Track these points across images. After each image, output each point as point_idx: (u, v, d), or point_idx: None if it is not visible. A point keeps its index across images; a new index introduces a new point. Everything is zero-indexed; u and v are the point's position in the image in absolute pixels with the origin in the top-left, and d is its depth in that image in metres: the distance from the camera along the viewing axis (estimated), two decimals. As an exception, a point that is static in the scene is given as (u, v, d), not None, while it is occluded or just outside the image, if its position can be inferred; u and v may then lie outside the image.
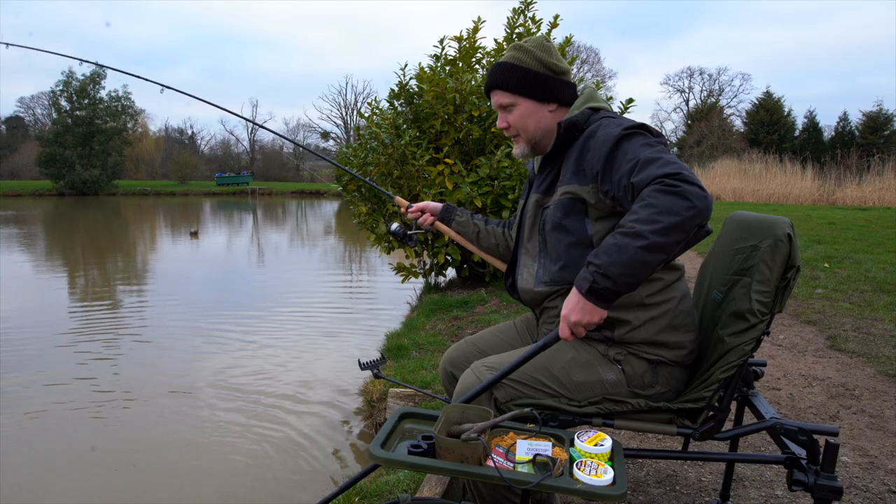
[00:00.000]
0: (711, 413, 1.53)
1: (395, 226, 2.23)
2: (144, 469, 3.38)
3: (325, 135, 54.15)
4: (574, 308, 1.30)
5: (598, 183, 1.44)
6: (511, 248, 1.98)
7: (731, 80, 50.37)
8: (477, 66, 6.41)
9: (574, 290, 1.31)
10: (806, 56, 75.26)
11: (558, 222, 1.55)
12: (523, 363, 1.45)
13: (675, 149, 41.09)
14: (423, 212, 2.10)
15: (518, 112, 1.63)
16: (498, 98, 1.64)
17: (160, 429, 3.86)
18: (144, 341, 5.76)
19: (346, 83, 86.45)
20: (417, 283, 7.49)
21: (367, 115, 6.60)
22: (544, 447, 1.28)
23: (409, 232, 2.18)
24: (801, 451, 1.44)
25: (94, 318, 6.62)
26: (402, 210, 2.17)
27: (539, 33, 6.25)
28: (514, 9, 6.26)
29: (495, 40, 6.31)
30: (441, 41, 6.18)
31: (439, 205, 2.08)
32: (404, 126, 6.10)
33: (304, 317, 6.69)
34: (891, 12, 58.50)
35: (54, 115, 41.23)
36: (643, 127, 1.42)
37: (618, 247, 1.23)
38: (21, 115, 55.43)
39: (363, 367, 2.46)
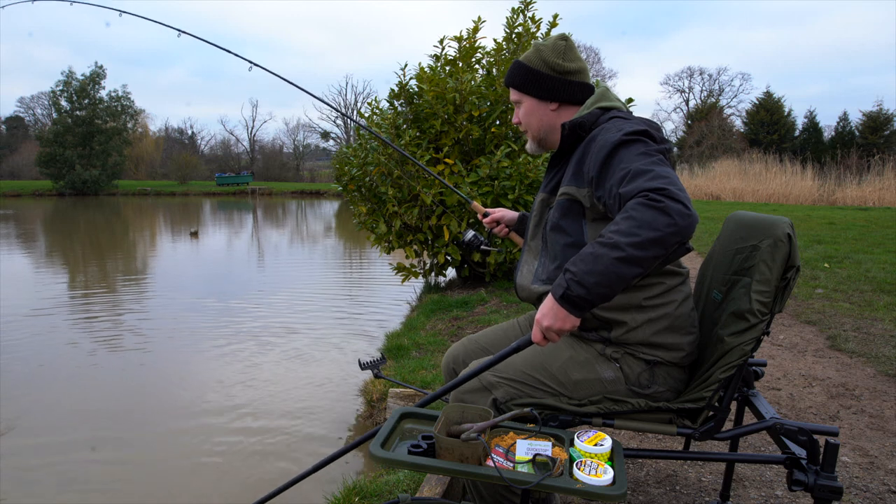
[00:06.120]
0: (711, 413, 1.53)
1: (470, 234, 2.13)
2: (139, 467, 3.38)
3: (325, 135, 54.18)
4: (547, 313, 1.29)
5: (592, 188, 1.45)
6: None
7: (731, 80, 50.43)
8: (477, 66, 6.41)
9: (549, 295, 1.30)
10: (805, 56, 75.49)
11: (556, 223, 1.57)
12: (497, 363, 1.44)
13: (675, 149, 41.07)
14: (498, 222, 2.05)
15: (523, 109, 1.70)
16: (510, 95, 1.75)
17: (156, 427, 3.86)
18: (142, 341, 5.75)
19: (346, 83, 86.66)
20: (417, 283, 7.49)
21: (367, 115, 6.60)
22: (544, 447, 1.28)
23: (482, 246, 2.12)
24: (801, 451, 1.44)
25: (93, 317, 6.62)
26: (480, 217, 2.09)
27: (539, 33, 6.26)
28: (513, 8, 6.26)
29: (495, 40, 6.31)
30: (441, 41, 6.18)
31: (515, 214, 2.05)
32: (404, 126, 6.10)
33: (304, 316, 6.69)
34: (889, 12, 58.70)
35: (54, 115, 41.20)
36: (646, 133, 1.40)
37: (594, 256, 1.23)
38: (21, 115, 55.53)
39: (363, 366, 2.47)
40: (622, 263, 1.20)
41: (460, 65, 6.18)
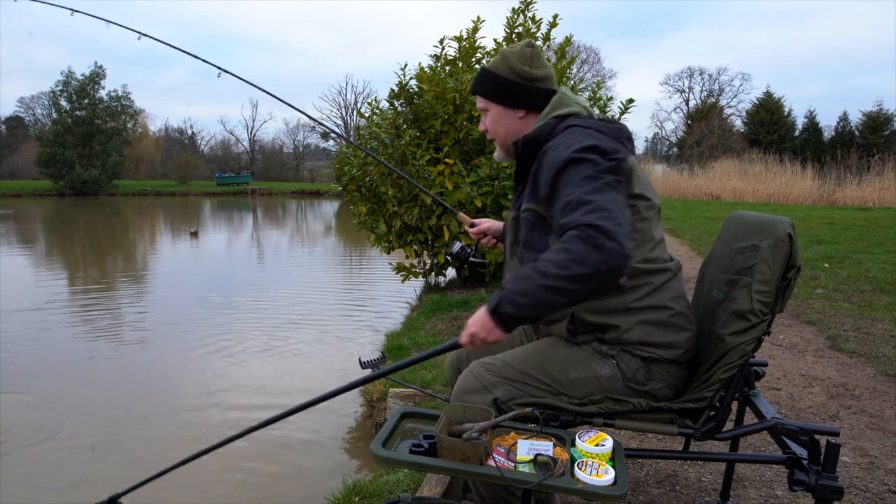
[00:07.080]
0: (712, 413, 1.53)
1: (457, 246, 2.12)
2: (138, 468, 3.37)
3: (326, 135, 54.13)
4: (476, 321, 1.31)
5: (545, 205, 1.46)
6: None
7: (731, 80, 50.30)
8: (477, 66, 6.41)
9: (484, 305, 1.32)
10: (805, 56, 75.58)
11: (525, 239, 1.56)
12: (425, 359, 1.45)
13: (675, 149, 41.05)
14: (485, 234, 2.02)
15: (490, 117, 1.68)
16: (477, 103, 1.72)
17: (155, 425, 3.86)
18: (143, 338, 5.76)
19: (346, 83, 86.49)
20: (417, 283, 7.49)
21: (367, 115, 6.60)
22: (545, 447, 1.28)
23: (471, 258, 2.10)
24: (801, 452, 1.44)
25: (92, 317, 6.62)
26: (467, 228, 2.06)
27: (539, 33, 6.26)
28: (513, 9, 6.26)
29: (495, 40, 6.30)
30: (441, 41, 6.18)
31: (500, 225, 2.02)
32: (404, 126, 6.10)
33: (304, 316, 6.69)
34: (889, 12, 58.76)
35: (54, 115, 41.13)
36: (594, 149, 1.38)
37: (525, 279, 1.25)
38: (21, 115, 55.51)
39: (363, 366, 2.46)
40: (549, 291, 1.22)
41: (460, 65, 6.17)
